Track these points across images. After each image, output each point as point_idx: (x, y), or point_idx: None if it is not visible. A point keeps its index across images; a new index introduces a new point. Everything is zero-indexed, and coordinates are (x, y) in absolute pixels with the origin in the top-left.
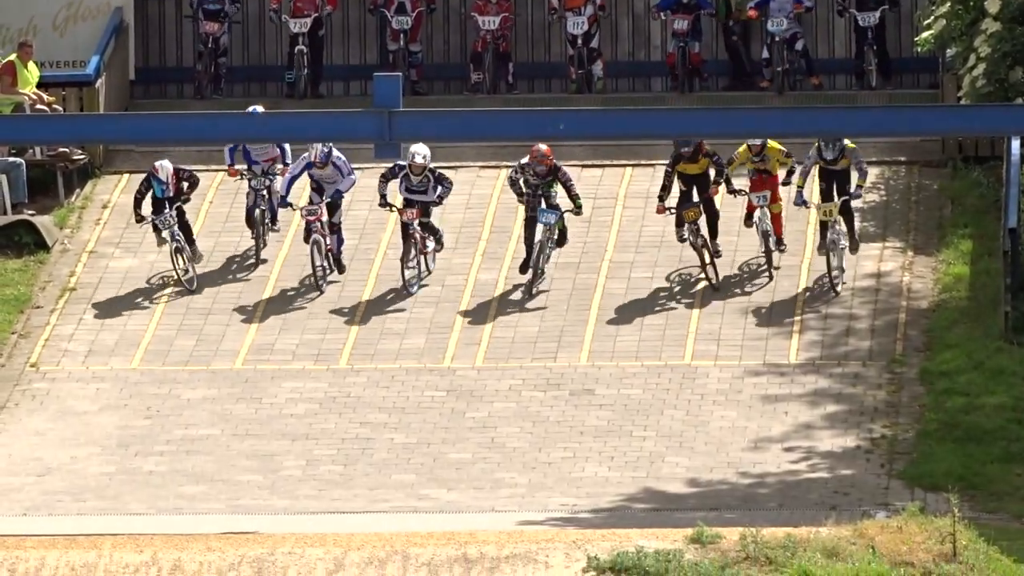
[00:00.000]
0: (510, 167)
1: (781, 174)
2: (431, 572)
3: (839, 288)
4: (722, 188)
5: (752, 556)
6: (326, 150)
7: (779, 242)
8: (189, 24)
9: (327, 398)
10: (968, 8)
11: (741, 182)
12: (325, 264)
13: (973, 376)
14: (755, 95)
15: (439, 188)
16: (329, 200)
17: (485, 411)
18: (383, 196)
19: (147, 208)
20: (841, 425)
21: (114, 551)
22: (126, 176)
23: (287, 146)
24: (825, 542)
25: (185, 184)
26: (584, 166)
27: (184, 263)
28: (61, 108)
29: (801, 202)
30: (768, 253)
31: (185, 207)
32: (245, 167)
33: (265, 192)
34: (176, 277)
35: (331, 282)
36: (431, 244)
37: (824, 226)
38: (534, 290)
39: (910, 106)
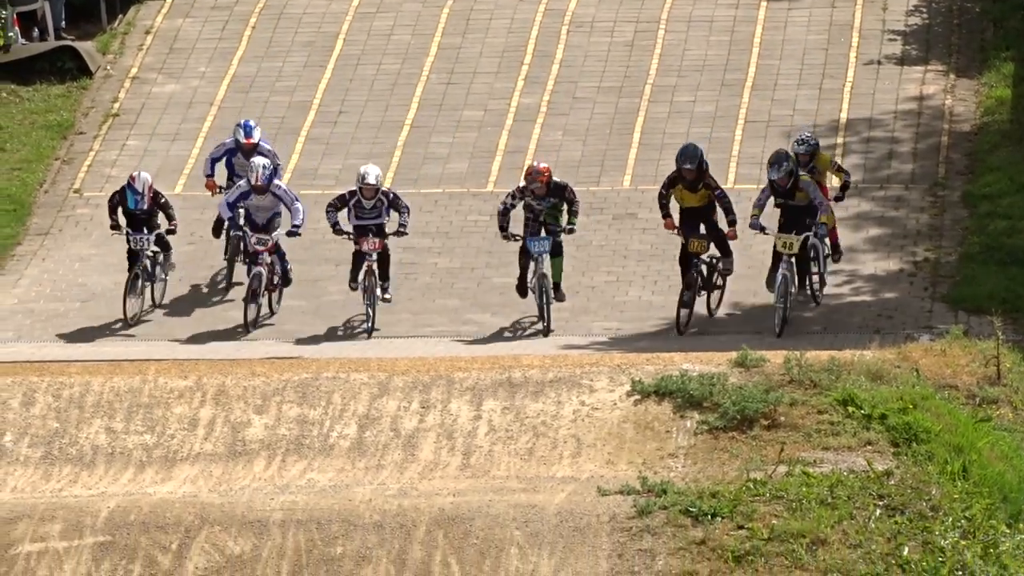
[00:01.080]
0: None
1: (833, 183)
2: (475, 396)
3: (781, 324)
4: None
5: (796, 379)
6: (268, 172)
7: (835, 249)
8: None
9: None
10: None
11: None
12: (261, 301)
13: (1016, 199)
14: None
15: (399, 215)
16: (282, 234)
17: None
18: (335, 224)
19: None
20: (884, 249)
21: (158, 376)
22: (169, 2)
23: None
24: (869, 365)
25: (165, 211)
26: None
27: (137, 305)
28: None
29: (757, 226)
30: (819, 271)
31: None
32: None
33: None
34: (124, 316)
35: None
36: (380, 290)
37: (778, 258)
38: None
39: None
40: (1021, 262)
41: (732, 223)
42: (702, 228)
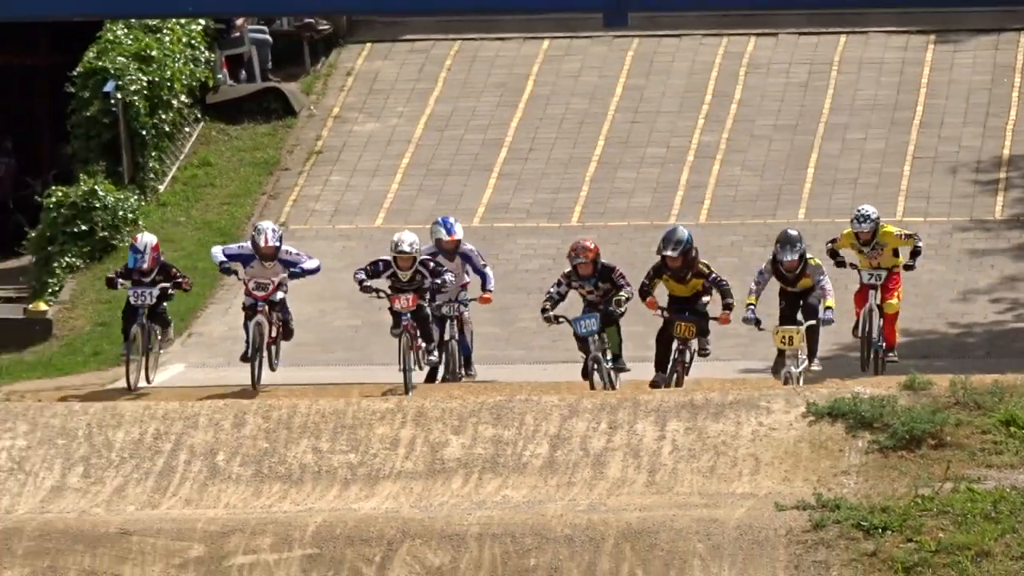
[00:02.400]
0: (730, 36)
1: (904, 255)
2: (659, 417)
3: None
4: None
5: (961, 401)
6: (276, 238)
7: (890, 350)
8: None
9: (559, 254)
10: None
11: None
12: (262, 353)
13: None
14: None
15: (437, 285)
16: (286, 289)
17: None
18: (360, 282)
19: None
20: None
21: (362, 400)
22: (368, 45)
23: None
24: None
25: (171, 277)
26: (801, 33)
27: (136, 371)
28: None
29: (753, 319)
30: (875, 362)
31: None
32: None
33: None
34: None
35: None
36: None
37: (781, 353)
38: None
39: None
40: None
41: (728, 307)
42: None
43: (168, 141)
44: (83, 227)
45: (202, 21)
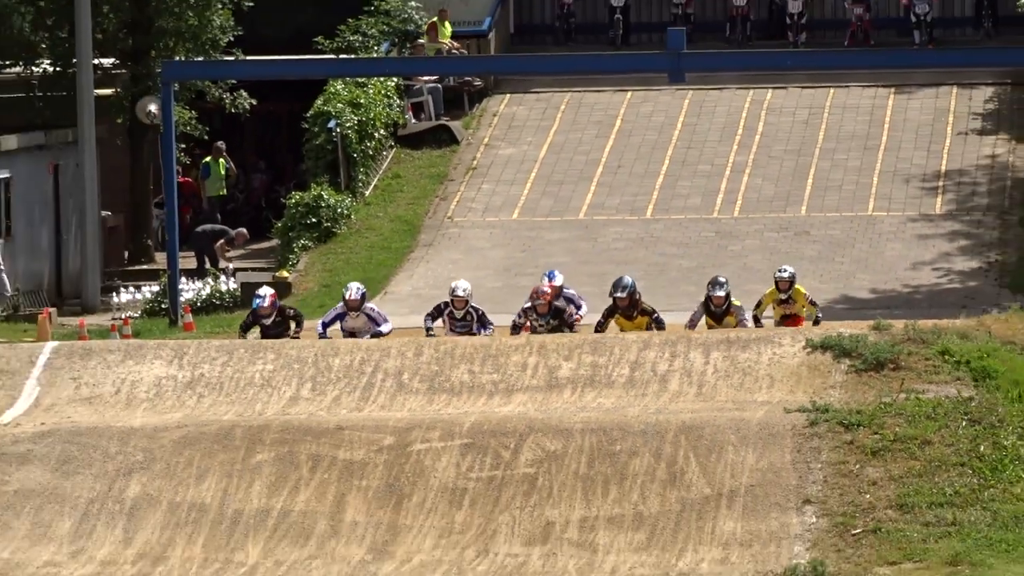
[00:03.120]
0: (754, 89)
1: (808, 321)
2: (705, 349)
3: None
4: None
5: (912, 338)
6: (359, 294)
7: None
8: None
9: (638, 237)
10: None
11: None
12: None
13: None
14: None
15: (483, 329)
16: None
17: (739, 246)
18: (428, 329)
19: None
20: (969, 254)
21: (502, 338)
22: (507, 95)
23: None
24: (959, 329)
25: (292, 322)
26: (803, 87)
27: None
28: (465, 52)
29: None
30: None
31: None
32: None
33: None
34: None
35: None
36: None
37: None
38: None
39: (1014, 49)
40: None
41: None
42: None
43: (371, 161)
44: (313, 220)
45: (395, 79)
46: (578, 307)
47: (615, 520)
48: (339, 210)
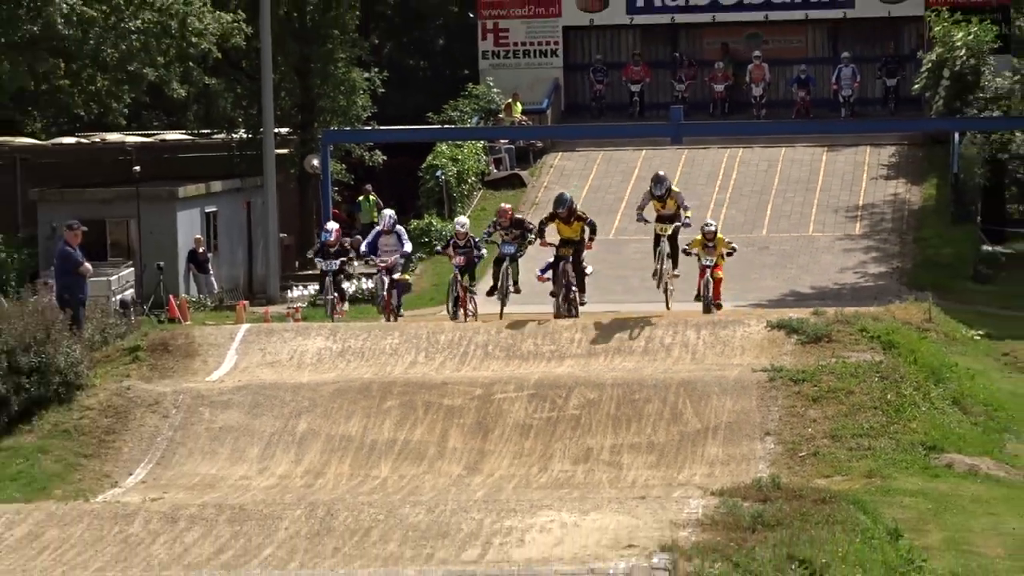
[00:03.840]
0: (730, 148)
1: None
2: (697, 328)
3: (664, 282)
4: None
5: (839, 320)
6: (392, 220)
7: (717, 304)
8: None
9: (648, 251)
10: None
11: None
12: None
13: (942, 239)
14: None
15: (476, 251)
16: (400, 260)
17: None
18: (439, 251)
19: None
20: (879, 263)
21: (556, 320)
22: (560, 153)
23: (407, 247)
24: (872, 314)
25: (351, 251)
26: (764, 147)
27: (331, 309)
28: (530, 123)
29: (642, 219)
30: (708, 308)
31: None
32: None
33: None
34: (327, 312)
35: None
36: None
37: (657, 239)
38: (504, 306)
39: (910, 120)
40: (940, 267)
41: (592, 239)
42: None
43: (466, 199)
44: (425, 239)
45: (482, 142)
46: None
47: (635, 447)
48: (443, 233)
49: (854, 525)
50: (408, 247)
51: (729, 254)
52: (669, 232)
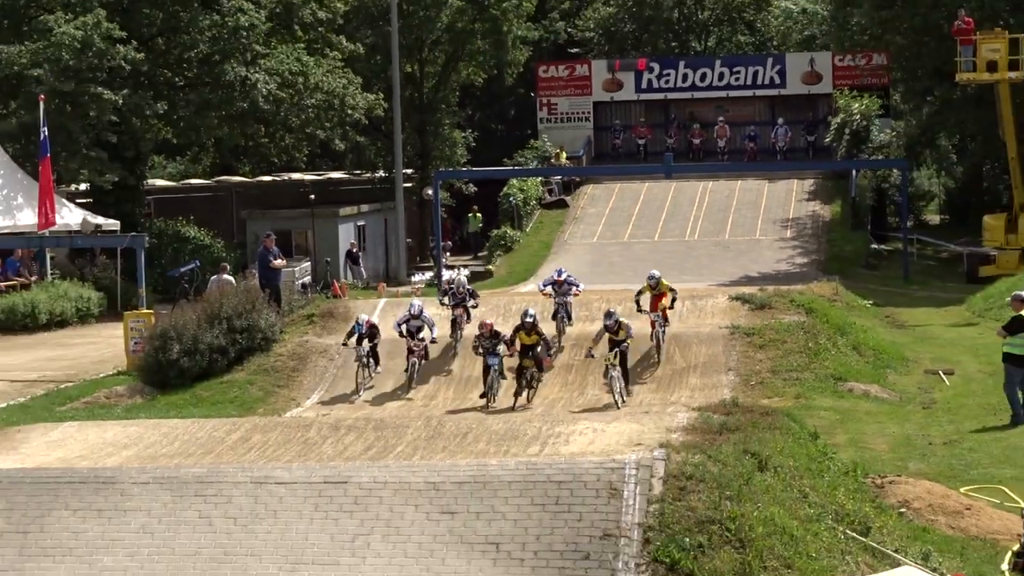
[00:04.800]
0: (702, 181)
1: (668, 300)
2: (682, 297)
3: (620, 405)
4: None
5: (777, 295)
6: (419, 308)
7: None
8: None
9: (650, 250)
10: (839, 133)
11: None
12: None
13: (844, 241)
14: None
15: (471, 300)
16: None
17: (696, 252)
18: (441, 302)
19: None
20: (804, 256)
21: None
22: (591, 185)
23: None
24: (798, 290)
25: (376, 336)
26: (726, 180)
27: (363, 376)
28: (571, 165)
29: (590, 355)
30: (658, 346)
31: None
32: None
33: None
34: (356, 383)
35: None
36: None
37: (607, 368)
38: (490, 407)
39: (823, 163)
40: (843, 259)
41: (548, 355)
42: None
43: (529, 216)
44: (502, 242)
45: (540, 178)
46: (576, 285)
47: (642, 379)
48: (515, 238)
49: (787, 429)
50: (435, 332)
51: (672, 300)
52: (617, 361)
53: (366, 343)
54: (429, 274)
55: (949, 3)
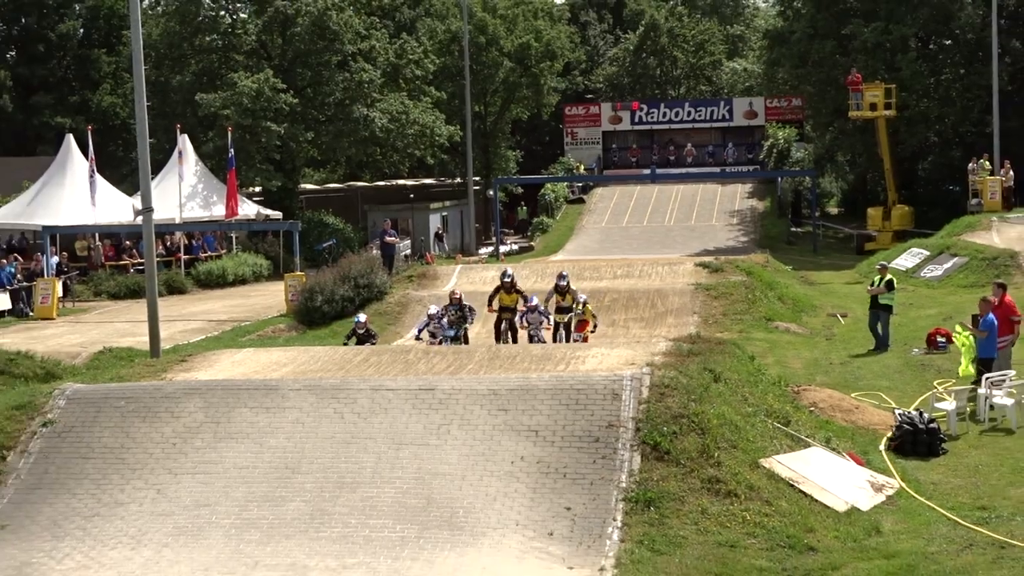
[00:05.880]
0: (683, 184)
1: (591, 327)
2: (659, 263)
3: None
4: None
5: (727, 262)
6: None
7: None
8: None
9: (643, 231)
10: (769, 151)
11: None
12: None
13: (772, 225)
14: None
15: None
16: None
17: (673, 233)
18: (425, 335)
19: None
20: (745, 236)
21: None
22: (600, 188)
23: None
24: (741, 259)
25: (372, 338)
26: (693, 184)
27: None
28: (586, 173)
29: (545, 313)
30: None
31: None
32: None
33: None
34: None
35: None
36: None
37: (557, 326)
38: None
39: (759, 172)
40: (772, 238)
41: (531, 314)
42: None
43: (558, 209)
44: (540, 226)
45: (567, 183)
46: (527, 299)
47: (635, 319)
48: (549, 224)
49: (733, 354)
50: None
51: (594, 327)
52: (565, 320)
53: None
54: (491, 248)
55: (844, 64)
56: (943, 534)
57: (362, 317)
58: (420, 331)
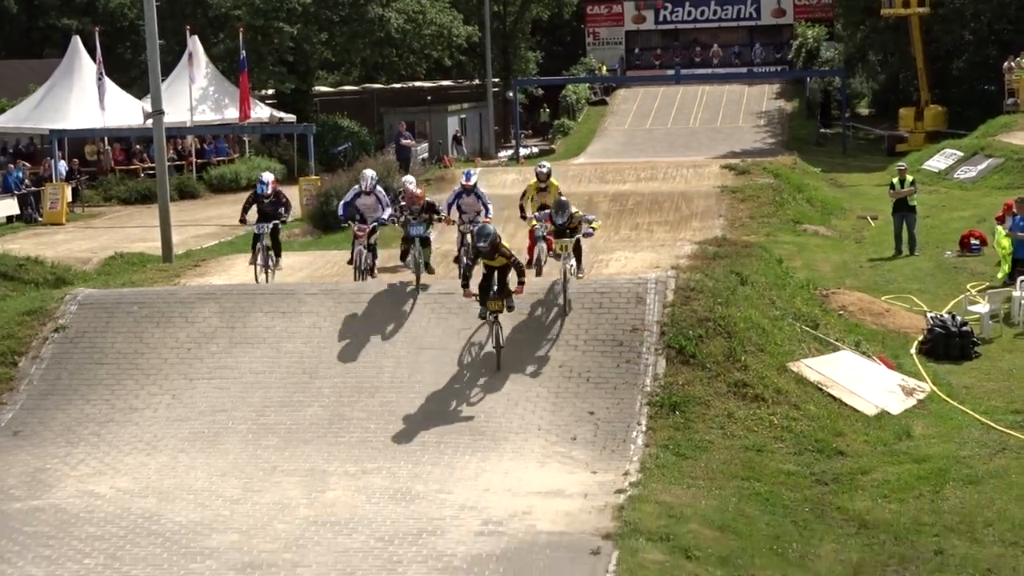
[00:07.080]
0: (708, 86)
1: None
2: (684, 165)
3: (564, 302)
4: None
5: (754, 163)
6: (373, 183)
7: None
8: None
9: (666, 132)
10: (798, 51)
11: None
12: (364, 267)
13: (801, 127)
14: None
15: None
16: (374, 224)
17: (698, 134)
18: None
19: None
20: (773, 136)
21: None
22: (623, 90)
23: (386, 212)
24: (769, 160)
25: (283, 207)
26: (719, 84)
27: (266, 274)
28: (609, 74)
29: (541, 238)
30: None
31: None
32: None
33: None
34: (255, 275)
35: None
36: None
37: (557, 256)
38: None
39: (787, 72)
40: (800, 140)
41: (520, 284)
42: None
43: (580, 111)
44: (562, 128)
45: (587, 85)
46: (486, 207)
47: (659, 222)
48: (570, 126)
49: (760, 256)
50: (387, 213)
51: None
52: (570, 249)
53: (265, 228)
54: (511, 151)
55: None
56: (975, 438)
57: (267, 177)
58: (344, 206)
